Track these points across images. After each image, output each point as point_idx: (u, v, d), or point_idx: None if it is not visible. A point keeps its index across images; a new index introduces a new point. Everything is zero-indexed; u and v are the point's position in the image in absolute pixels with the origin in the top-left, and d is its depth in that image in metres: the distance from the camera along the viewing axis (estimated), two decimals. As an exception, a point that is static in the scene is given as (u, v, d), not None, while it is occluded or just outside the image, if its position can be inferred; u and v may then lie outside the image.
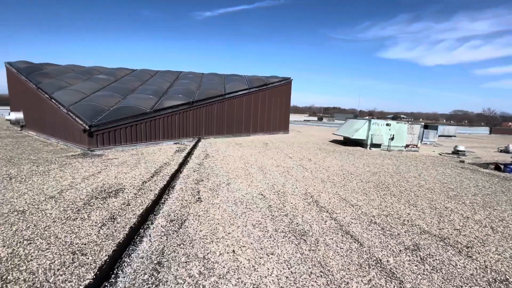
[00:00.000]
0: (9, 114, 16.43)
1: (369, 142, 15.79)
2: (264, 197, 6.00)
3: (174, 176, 7.18)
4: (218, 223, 4.50)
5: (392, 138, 15.89)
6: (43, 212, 4.64)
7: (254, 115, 19.28)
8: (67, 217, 4.43)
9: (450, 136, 30.32)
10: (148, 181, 6.71)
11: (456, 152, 15.68)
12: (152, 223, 4.30)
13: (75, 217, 4.46)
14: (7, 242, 3.58)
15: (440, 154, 15.49)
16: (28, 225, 4.11)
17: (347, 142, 17.94)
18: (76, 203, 5.07)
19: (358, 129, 16.06)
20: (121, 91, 14.76)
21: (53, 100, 12.90)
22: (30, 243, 3.58)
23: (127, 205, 5.04)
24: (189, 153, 10.71)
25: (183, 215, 4.75)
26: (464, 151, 15.64)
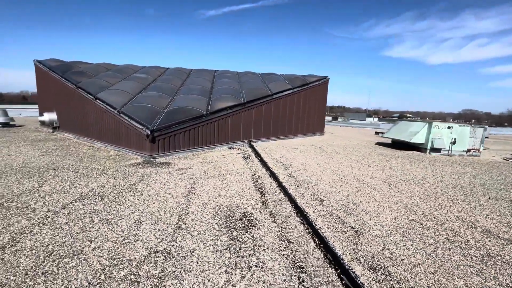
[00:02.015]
0: (42, 115, 15.32)
1: (429, 147, 14.68)
2: (422, 225, 4.93)
3: (288, 195, 6.10)
4: (430, 272, 3.43)
5: (454, 142, 14.79)
6: (193, 254, 3.56)
7: (296, 116, 18.16)
8: (235, 264, 3.36)
9: (483, 138, 29.13)
10: (265, 201, 5.64)
11: (522, 157, 14.61)
12: (356, 276, 3.23)
13: (244, 263, 3.39)
14: (205, 316, 2.52)
15: (505, 160, 14.39)
16: (202, 281, 3.04)
17: (396, 144, 16.84)
18: (220, 238, 4.00)
19: (417, 132, 14.95)
20: (167, 91, 13.64)
21: (98, 101, 11.81)
22: (240, 318, 2.52)
23: (288, 241, 3.96)
24: (262, 161, 9.62)
25: (373, 257, 3.67)
26: (530, 156, 14.56)
